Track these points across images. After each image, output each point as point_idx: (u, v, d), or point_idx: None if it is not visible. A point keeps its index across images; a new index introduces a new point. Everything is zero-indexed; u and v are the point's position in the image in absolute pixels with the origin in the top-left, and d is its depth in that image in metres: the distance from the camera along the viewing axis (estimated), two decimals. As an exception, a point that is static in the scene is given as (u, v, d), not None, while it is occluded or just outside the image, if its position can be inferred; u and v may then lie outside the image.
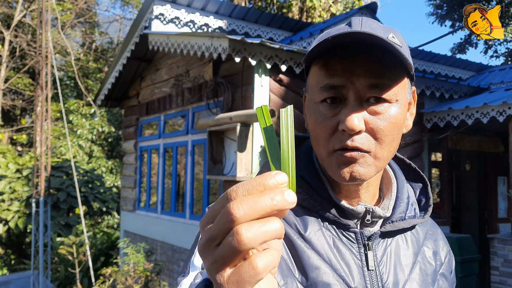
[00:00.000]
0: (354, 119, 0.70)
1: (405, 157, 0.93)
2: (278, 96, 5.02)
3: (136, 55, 7.02)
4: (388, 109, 0.73)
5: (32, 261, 7.96)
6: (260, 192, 0.40)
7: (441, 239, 0.91)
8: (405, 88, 0.77)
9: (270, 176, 0.41)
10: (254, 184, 0.41)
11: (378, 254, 0.79)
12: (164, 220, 6.63)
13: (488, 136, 7.20)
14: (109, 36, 20.36)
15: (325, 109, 0.74)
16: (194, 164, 6.15)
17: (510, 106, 5.40)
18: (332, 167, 0.75)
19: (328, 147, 0.74)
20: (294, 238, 0.76)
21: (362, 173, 0.73)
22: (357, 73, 0.71)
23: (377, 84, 0.72)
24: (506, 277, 5.49)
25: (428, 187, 0.89)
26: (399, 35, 0.76)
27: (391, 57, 0.72)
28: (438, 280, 0.85)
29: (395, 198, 0.84)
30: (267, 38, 7.62)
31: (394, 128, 0.74)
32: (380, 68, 0.72)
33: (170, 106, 6.57)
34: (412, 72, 0.77)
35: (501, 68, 8.99)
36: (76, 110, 14.66)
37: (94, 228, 12.43)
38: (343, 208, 0.78)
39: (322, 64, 0.75)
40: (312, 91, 0.78)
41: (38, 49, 7.97)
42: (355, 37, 0.69)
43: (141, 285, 5.23)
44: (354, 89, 0.72)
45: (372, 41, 0.70)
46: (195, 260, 0.72)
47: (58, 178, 10.95)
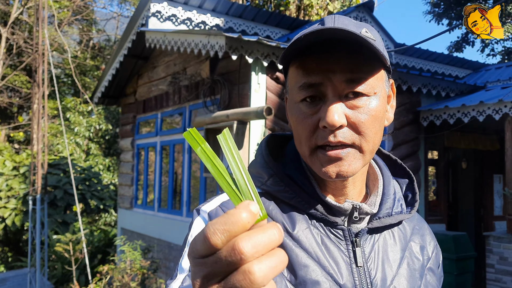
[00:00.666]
0: (334, 114, 0.71)
1: (391, 153, 0.94)
2: (275, 94, 5.03)
3: (133, 53, 7.01)
4: (367, 103, 0.74)
5: (29, 259, 7.96)
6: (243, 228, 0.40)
7: (428, 234, 0.92)
8: (383, 81, 0.78)
9: (245, 209, 0.41)
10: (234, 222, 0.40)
11: (366, 250, 0.79)
12: (161, 218, 6.64)
13: (484, 134, 7.22)
14: (106, 34, 20.30)
15: (305, 108, 0.75)
16: (191, 162, 6.16)
17: (506, 105, 5.42)
18: (316, 165, 0.75)
19: (311, 144, 0.75)
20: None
21: (349, 171, 0.74)
22: (333, 69, 0.72)
23: (353, 78, 0.72)
24: (502, 275, 5.52)
25: (414, 182, 0.90)
26: (372, 30, 0.77)
27: (365, 51, 0.73)
28: (425, 275, 0.85)
29: (381, 194, 0.84)
30: (264, 36, 7.61)
31: (376, 120, 0.75)
32: (355, 63, 0.73)
33: (167, 104, 6.57)
34: (388, 65, 0.78)
35: (497, 66, 9.02)
36: (73, 108, 14.64)
37: (91, 225, 12.42)
38: (330, 205, 0.79)
39: (298, 64, 0.75)
40: (291, 92, 0.78)
41: (34, 46, 7.95)
42: (329, 33, 0.70)
43: (137, 282, 5.24)
44: (332, 85, 0.72)
45: (346, 37, 0.70)
46: (183, 263, 0.72)
47: (55, 176, 10.94)
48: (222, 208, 0.78)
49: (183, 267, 0.72)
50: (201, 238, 0.41)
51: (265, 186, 0.81)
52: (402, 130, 6.18)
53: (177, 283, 0.69)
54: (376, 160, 0.90)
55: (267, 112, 4.34)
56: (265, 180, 0.82)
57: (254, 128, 4.87)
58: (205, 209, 0.79)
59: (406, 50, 8.38)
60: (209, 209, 0.78)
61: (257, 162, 0.85)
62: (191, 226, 0.78)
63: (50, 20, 15.88)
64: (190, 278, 0.68)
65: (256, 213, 0.41)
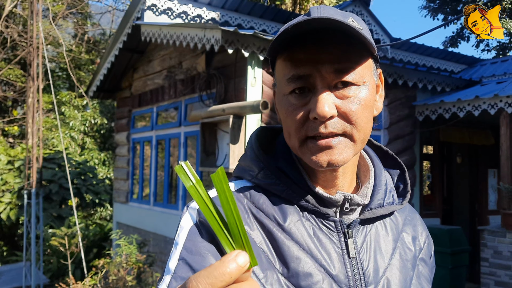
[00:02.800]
0: (325, 105, 0.71)
1: (382, 145, 0.94)
2: (271, 88, 5.02)
3: (128, 46, 6.97)
4: (357, 92, 0.74)
5: (24, 253, 7.94)
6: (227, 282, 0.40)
7: (419, 225, 0.92)
8: (371, 70, 0.78)
9: (231, 261, 0.40)
10: (218, 276, 0.40)
11: (358, 241, 0.79)
12: (157, 212, 6.63)
13: (479, 129, 7.25)
14: (101, 28, 20.17)
15: (294, 100, 0.75)
16: (187, 156, 6.15)
17: (501, 99, 5.44)
18: (307, 155, 0.75)
19: (300, 136, 0.74)
20: (274, 229, 0.76)
21: (340, 159, 0.73)
22: (321, 60, 0.72)
23: (342, 68, 0.72)
24: (496, 268, 5.56)
25: (405, 173, 0.90)
26: (359, 19, 0.76)
27: (352, 41, 0.72)
28: (418, 265, 0.85)
29: (373, 185, 0.84)
30: (260, 30, 7.59)
31: (366, 109, 0.75)
32: (343, 52, 0.72)
33: (162, 98, 6.55)
34: (376, 54, 0.78)
35: (492, 61, 9.04)
36: (68, 102, 14.57)
37: (87, 220, 12.40)
38: (321, 197, 0.79)
39: (286, 56, 0.75)
40: (280, 84, 0.78)
41: (29, 40, 7.89)
42: (316, 23, 0.70)
43: (133, 276, 5.24)
44: (321, 76, 0.72)
45: (332, 26, 0.70)
46: (170, 264, 0.71)
47: (50, 170, 10.90)
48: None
49: (170, 268, 0.71)
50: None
51: (256, 180, 0.81)
52: (397, 125, 6.19)
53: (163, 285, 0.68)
54: (367, 151, 0.90)
55: (263, 106, 4.33)
56: (256, 174, 0.81)
57: (250, 122, 4.87)
58: (193, 206, 0.78)
59: (402, 45, 8.38)
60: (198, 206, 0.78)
61: (248, 156, 0.85)
62: (179, 225, 0.77)
63: (44, 13, 15.76)
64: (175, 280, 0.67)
65: (243, 266, 0.40)
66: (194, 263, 0.68)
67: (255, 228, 0.76)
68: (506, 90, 5.52)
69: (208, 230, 0.74)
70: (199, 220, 0.75)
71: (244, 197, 0.80)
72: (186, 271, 0.68)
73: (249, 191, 0.81)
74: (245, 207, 0.78)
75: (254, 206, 0.78)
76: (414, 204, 6.43)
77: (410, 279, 0.82)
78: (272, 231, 0.76)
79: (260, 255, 0.73)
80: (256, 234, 0.75)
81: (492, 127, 7.23)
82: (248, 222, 0.76)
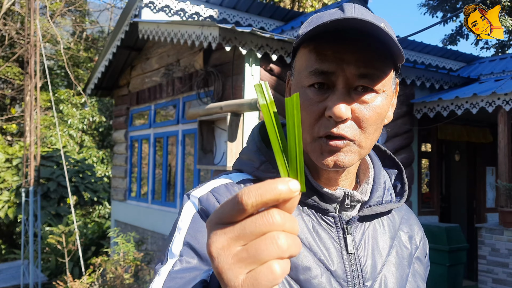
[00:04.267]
0: (342, 106, 0.70)
1: (380, 144, 0.95)
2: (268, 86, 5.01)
3: (126, 44, 6.95)
4: (374, 99, 0.73)
5: (22, 251, 7.94)
6: (276, 197, 0.40)
7: (415, 224, 0.93)
8: (391, 79, 0.77)
9: (284, 182, 0.40)
10: (269, 189, 0.40)
11: (356, 238, 0.80)
12: (155, 210, 6.63)
13: (477, 127, 7.25)
14: (99, 25, 20.14)
15: (312, 94, 0.74)
16: (184, 153, 6.14)
17: (499, 97, 5.43)
18: (316, 153, 0.75)
19: (313, 133, 0.74)
20: None
21: (346, 162, 0.73)
22: (348, 60, 0.71)
23: (367, 73, 0.71)
24: (493, 266, 5.57)
25: (403, 173, 0.91)
26: (389, 26, 0.75)
27: (382, 47, 0.72)
28: (413, 263, 0.87)
29: (372, 183, 0.85)
30: (258, 28, 7.58)
31: (379, 118, 0.75)
32: (371, 57, 0.72)
33: (160, 96, 6.54)
34: (399, 64, 0.77)
35: (491, 59, 9.04)
36: (66, 100, 14.54)
37: (86, 218, 12.39)
38: (322, 192, 0.79)
39: (312, 47, 0.74)
40: (299, 75, 0.77)
41: (26, 37, 7.87)
42: (350, 23, 0.68)
43: (131, 274, 5.24)
44: (344, 76, 0.71)
45: (366, 29, 0.69)
46: (173, 248, 0.72)
47: (48, 168, 10.89)
48: (213, 193, 0.77)
49: (173, 252, 0.71)
50: (230, 201, 0.40)
51: (257, 173, 0.81)
52: (395, 123, 6.18)
53: (167, 267, 0.68)
54: None
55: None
56: (257, 167, 0.81)
57: (248, 120, 4.86)
58: (195, 194, 0.78)
59: (401, 43, 8.35)
60: (200, 195, 0.78)
61: (249, 149, 0.85)
62: (181, 211, 0.77)
63: (42, 11, 15.72)
64: (181, 262, 0.68)
65: (293, 191, 0.40)
66: (199, 247, 0.69)
67: None
68: (504, 87, 5.52)
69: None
70: (201, 208, 0.76)
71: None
72: (192, 256, 0.69)
73: (250, 183, 0.80)
74: None
75: None
76: (413, 202, 6.43)
77: (406, 276, 0.83)
78: None
79: None
80: None
81: (490, 124, 7.22)
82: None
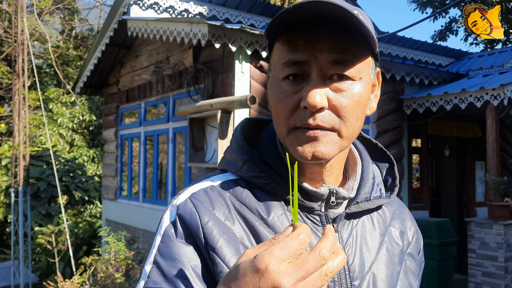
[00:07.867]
0: (316, 95, 0.68)
1: (371, 137, 0.93)
2: (259, 83, 5.01)
3: (115, 42, 6.90)
4: (351, 87, 0.71)
5: (12, 251, 7.88)
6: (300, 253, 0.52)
7: (408, 219, 0.91)
8: (369, 67, 0.75)
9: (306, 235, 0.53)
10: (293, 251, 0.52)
11: (343, 236, 0.78)
12: (146, 209, 6.61)
13: (466, 122, 7.31)
14: (89, 23, 19.97)
15: (287, 86, 0.72)
16: (175, 151, 6.12)
17: (487, 92, 5.48)
18: (293, 146, 0.72)
19: (289, 124, 0.72)
20: (256, 224, 0.74)
21: (325, 153, 0.71)
22: (320, 48, 0.69)
23: (340, 60, 0.69)
24: (483, 259, 5.62)
25: (394, 167, 0.89)
26: (364, 14, 0.73)
27: (355, 33, 0.70)
28: (405, 260, 0.84)
29: (359, 179, 0.83)
30: (248, 25, 7.56)
31: (358, 106, 0.72)
32: (344, 44, 0.70)
33: (150, 94, 6.50)
34: (377, 51, 0.76)
35: (480, 54, 9.10)
36: (56, 99, 14.41)
37: (77, 217, 12.31)
38: (306, 190, 0.77)
39: (285, 39, 0.72)
40: (274, 68, 0.75)
41: (13, 36, 7.79)
42: (320, 6, 0.66)
43: (122, 273, 5.22)
44: (317, 65, 0.70)
45: (338, 15, 0.67)
46: (146, 265, 0.72)
47: (38, 168, 10.80)
48: (191, 199, 0.76)
49: (146, 270, 0.72)
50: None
51: (240, 172, 0.79)
52: (385, 119, 6.21)
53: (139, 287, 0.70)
54: (355, 144, 0.89)
55: (251, 101, 4.32)
56: (240, 166, 0.79)
57: (239, 117, 4.85)
58: (175, 203, 0.77)
59: (390, 39, 8.40)
60: (179, 202, 0.77)
61: (232, 148, 0.83)
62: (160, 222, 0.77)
63: (30, 9, 15.54)
64: (148, 285, 0.69)
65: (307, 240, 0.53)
66: (165, 267, 0.70)
67: (236, 222, 0.74)
68: (492, 82, 5.56)
69: (185, 226, 0.73)
70: (177, 215, 0.74)
71: (226, 191, 0.78)
72: (158, 276, 0.70)
73: (232, 185, 0.79)
74: (227, 201, 0.77)
75: (237, 200, 0.77)
76: (403, 197, 6.47)
77: (397, 274, 0.81)
78: (255, 225, 0.74)
79: (240, 250, 0.72)
80: (237, 228, 0.74)
81: (479, 119, 7.28)
82: (228, 216, 0.75)
